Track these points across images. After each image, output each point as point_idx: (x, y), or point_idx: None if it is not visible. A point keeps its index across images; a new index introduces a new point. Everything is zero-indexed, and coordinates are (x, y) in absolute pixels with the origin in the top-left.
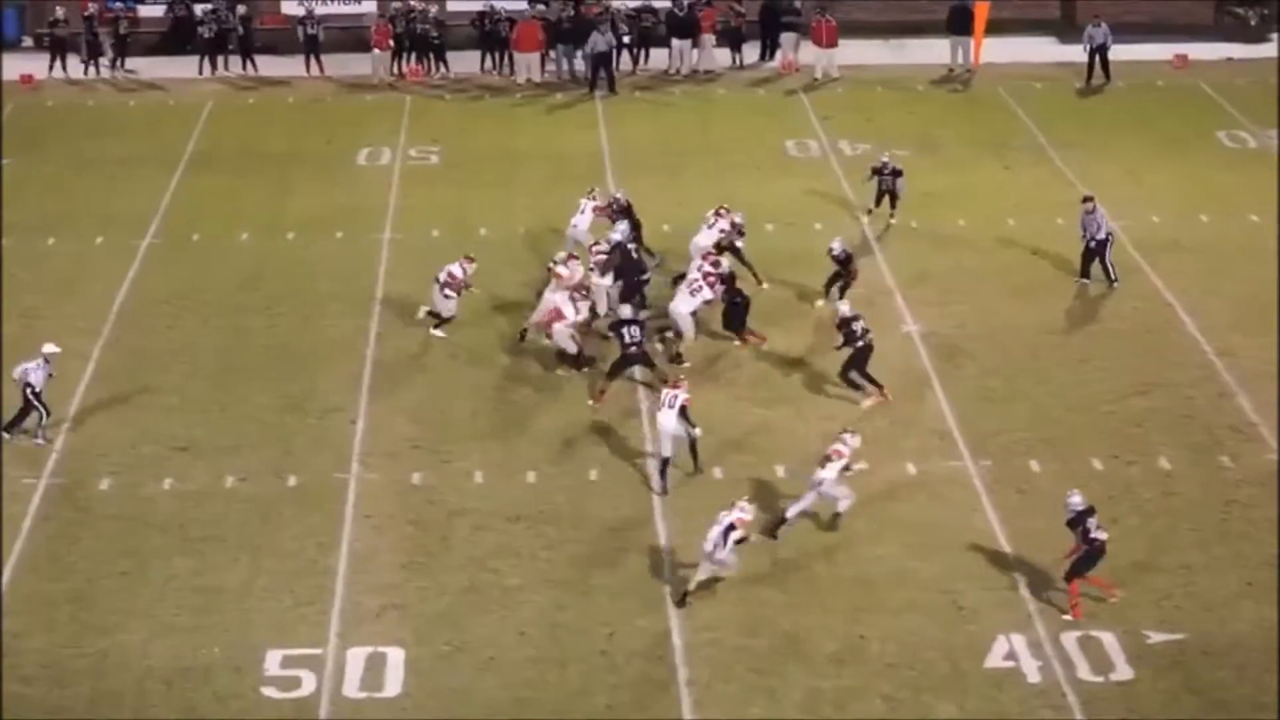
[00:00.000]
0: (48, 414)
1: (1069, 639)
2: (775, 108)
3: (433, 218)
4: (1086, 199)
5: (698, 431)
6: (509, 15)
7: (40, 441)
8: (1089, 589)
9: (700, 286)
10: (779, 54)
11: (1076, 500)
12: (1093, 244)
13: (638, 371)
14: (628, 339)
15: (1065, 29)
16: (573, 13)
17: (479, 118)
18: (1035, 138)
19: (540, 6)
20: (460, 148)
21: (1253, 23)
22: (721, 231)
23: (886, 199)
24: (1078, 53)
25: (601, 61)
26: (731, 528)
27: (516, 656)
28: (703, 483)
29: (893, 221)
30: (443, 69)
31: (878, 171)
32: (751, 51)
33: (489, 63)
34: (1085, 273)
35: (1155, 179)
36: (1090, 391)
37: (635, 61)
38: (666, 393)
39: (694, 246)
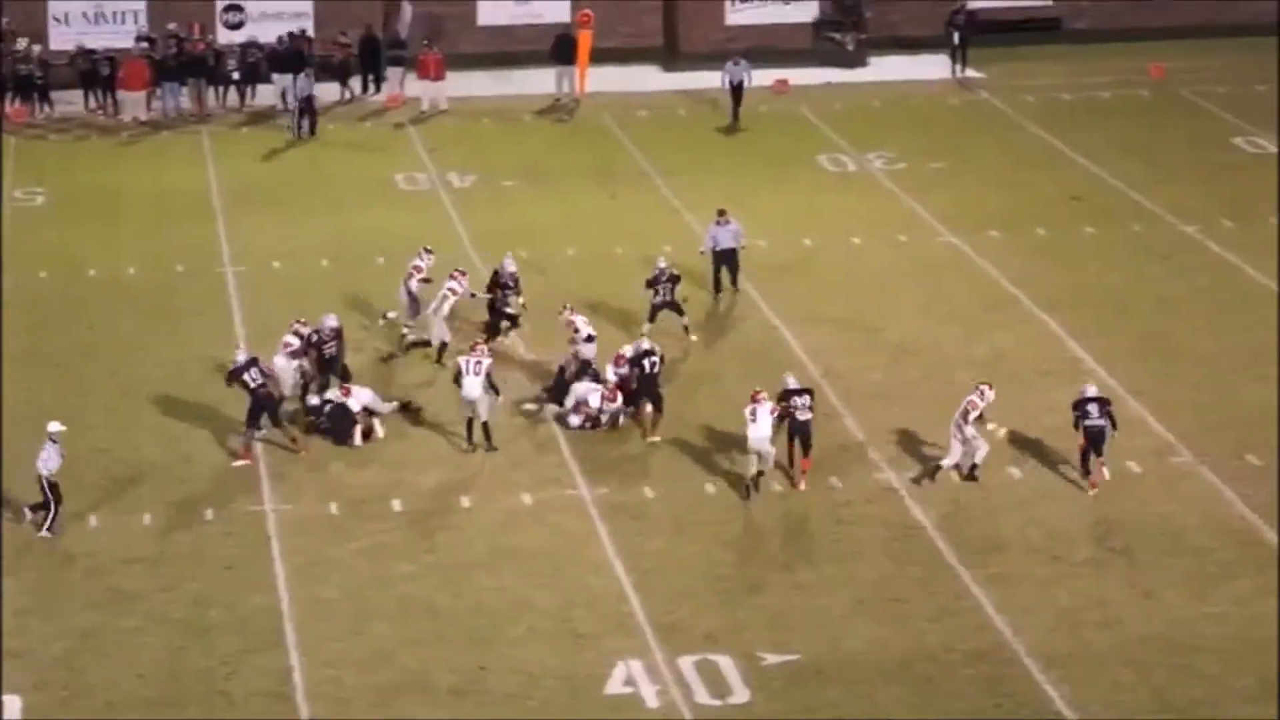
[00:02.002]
0: (57, 506)
1: (686, 664)
2: (384, 141)
3: (40, 260)
4: (721, 212)
5: (500, 399)
6: (108, 54)
7: (49, 534)
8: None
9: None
10: (385, 87)
11: None
12: (718, 251)
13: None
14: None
15: (669, 57)
16: (176, 50)
17: (84, 157)
18: (640, 165)
19: (144, 45)
20: (66, 188)
21: (850, 47)
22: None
23: (673, 312)
24: (681, 80)
25: (306, 105)
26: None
27: (135, 699)
28: (328, 531)
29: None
30: (46, 109)
31: (655, 282)
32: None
33: (92, 101)
34: (718, 288)
35: (759, 203)
36: (703, 414)
37: (242, 98)
38: (468, 359)
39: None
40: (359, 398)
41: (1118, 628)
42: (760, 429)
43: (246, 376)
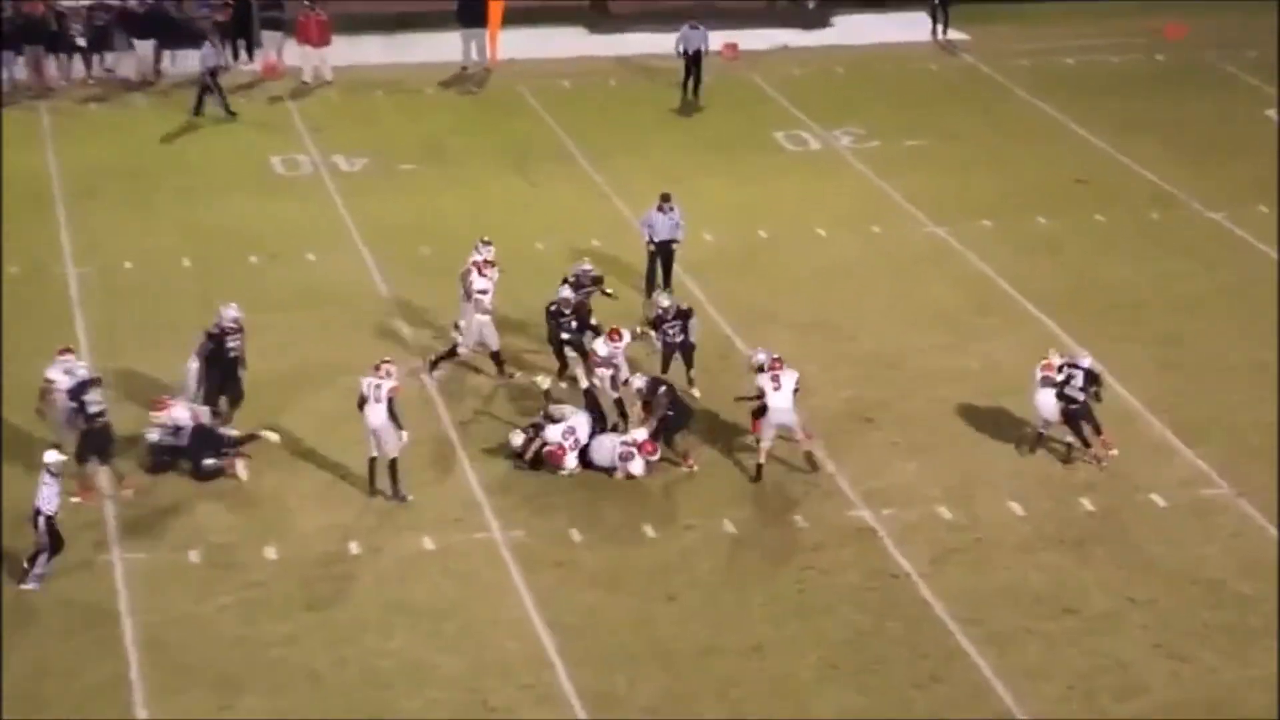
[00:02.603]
0: (54, 551)
1: None
2: (259, 118)
3: None
4: (665, 197)
5: (405, 436)
6: None
7: (33, 586)
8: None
9: None
10: (258, 55)
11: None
12: (657, 242)
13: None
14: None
15: (597, 19)
16: (11, 12)
17: None
18: (564, 145)
19: None
20: None
21: (810, 5)
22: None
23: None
24: (611, 44)
25: (210, 79)
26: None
27: None
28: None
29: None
30: None
31: (660, 322)
32: None
33: None
34: (651, 285)
35: (706, 189)
36: None
37: (89, 66)
38: (369, 380)
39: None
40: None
41: (1142, 696)
42: (782, 399)
43: (85, 398)
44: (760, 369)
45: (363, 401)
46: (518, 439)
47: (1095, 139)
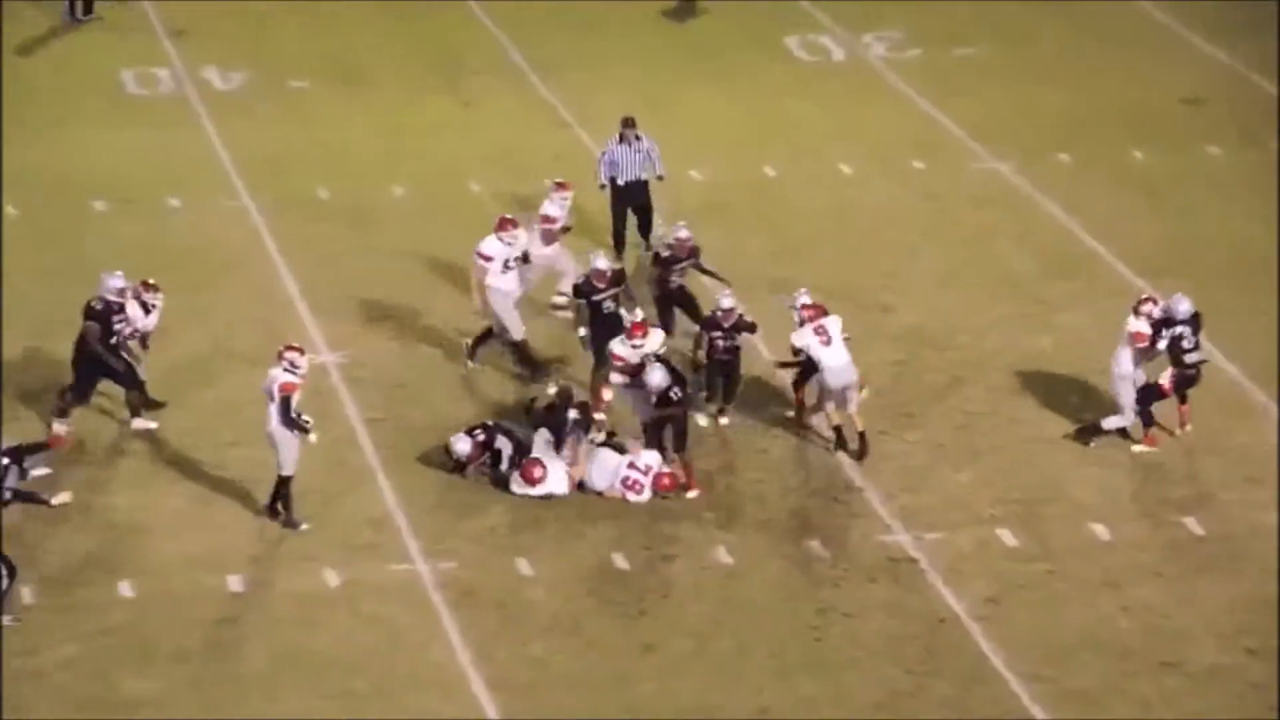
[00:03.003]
0: (10, 577)
1: None
2: (105, 22)
3: None
4: (627, 122)
5: (312, 438)
6: None
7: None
8: None
9: None
10: None
11: None
12: (621, 185)
13: None
14: None
15: None
16: None
17: None
18: (507, 55)
19: None
20: None
21: None
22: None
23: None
24: None
25: None
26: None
27: None
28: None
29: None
30: None
31: (711, 326)
32: None
33: None
34: (622, 243)
35: (693, 112)
36: None
37: None
38: (272, 373)
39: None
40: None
41: None
42: (837, 354)
43: None
44: (801, 322)
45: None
46: (463, 445)
47: (1209, 46)
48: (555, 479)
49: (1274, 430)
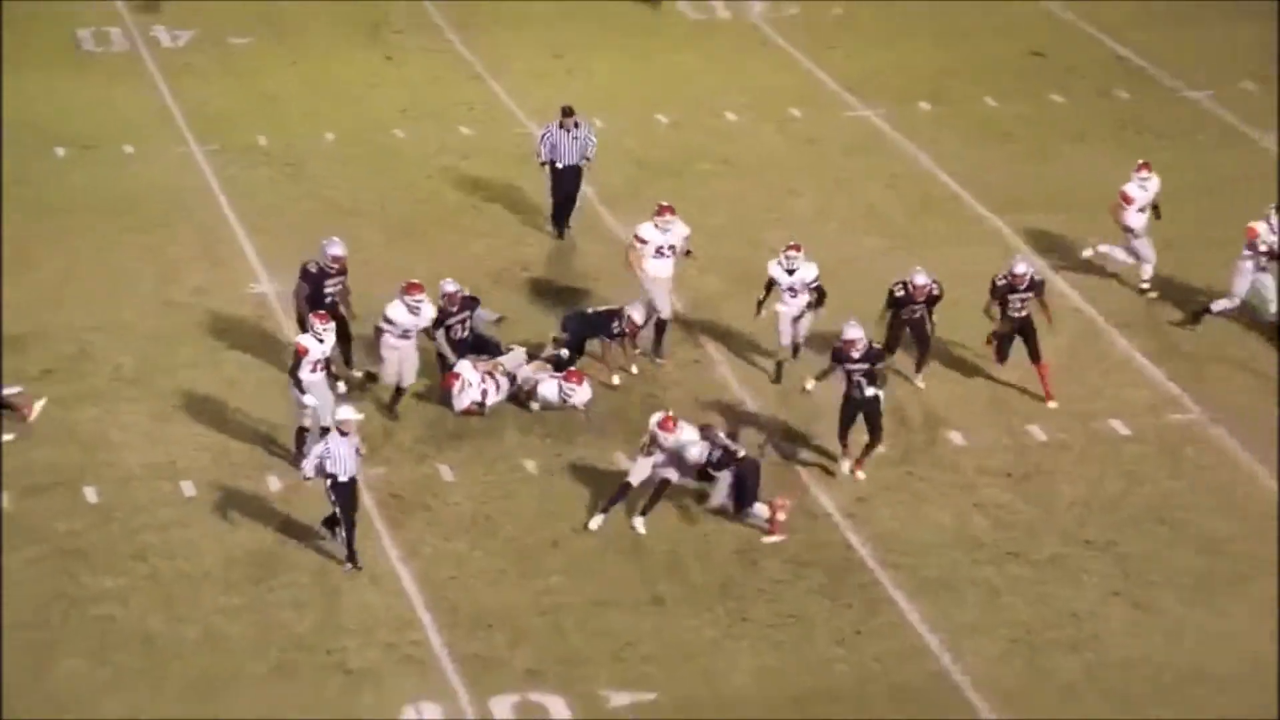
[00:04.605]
0: None
1: (501, 707)
2: None
3: None
4: (567, 111)
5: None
6: None
7: None
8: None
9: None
10: None
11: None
12: (560, 168)
13: None
14: None
15: None
16: None
17: None
18: (426, 13)
19: None
20: None
21: None
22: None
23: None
24: None
25: None
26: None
27: None
28: None
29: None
30: None
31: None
32: None
33: None
34: (559, 222)
35: (594, 67)
36: None
37: None
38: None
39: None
40: None
41: (1096, 649)
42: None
43: None
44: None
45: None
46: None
47: (1054, 4)
48: (473, 393)
49: (1112, 350)
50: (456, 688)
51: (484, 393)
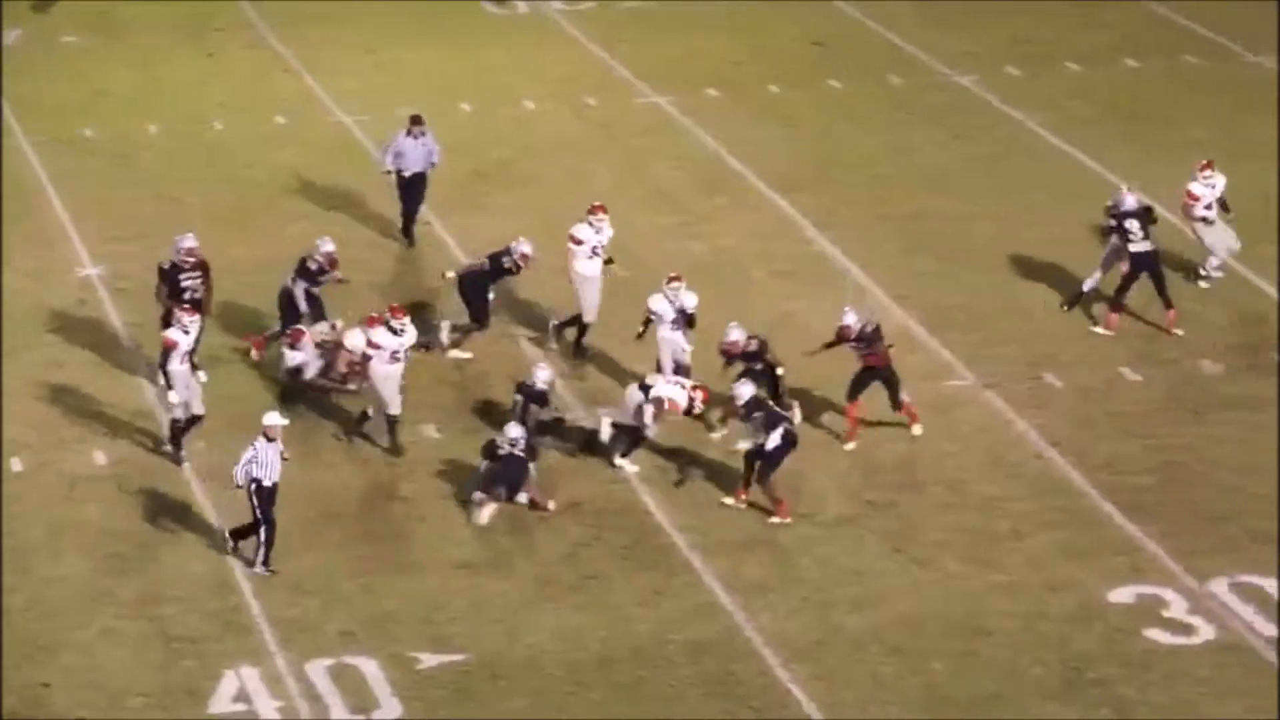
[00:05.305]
0: None
1: (317, 669)
2: None
3: None
4: (415, 119)
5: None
6: None
7: None
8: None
9: None
10: None
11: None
12: (407, 176)
13: None
14: None
15: None
16: None
17: None
18: (245, 13)
19: None
20: None
21: None
22: None
23: None
24: None
25: None
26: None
27: None
28: None
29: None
30: None
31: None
32: None
33: None
34: (410, 228)
35: (402, 60)
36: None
37: None
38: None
39: None
40: None
41: (880, 606)
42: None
43: None
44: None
45: None
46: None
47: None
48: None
49: (890, 319)
50: (275, 652)
51: (304, 364)
